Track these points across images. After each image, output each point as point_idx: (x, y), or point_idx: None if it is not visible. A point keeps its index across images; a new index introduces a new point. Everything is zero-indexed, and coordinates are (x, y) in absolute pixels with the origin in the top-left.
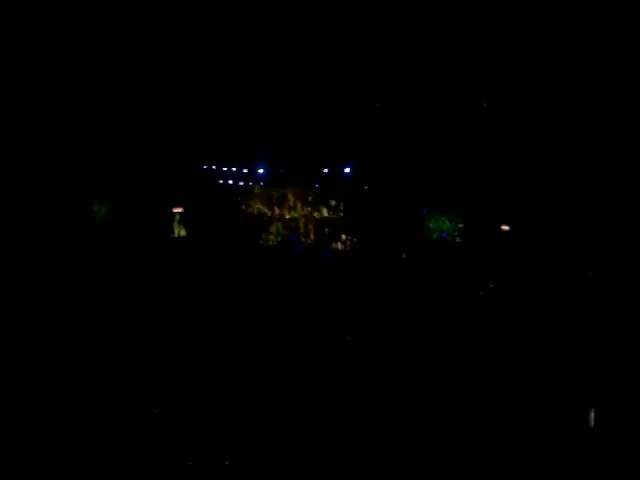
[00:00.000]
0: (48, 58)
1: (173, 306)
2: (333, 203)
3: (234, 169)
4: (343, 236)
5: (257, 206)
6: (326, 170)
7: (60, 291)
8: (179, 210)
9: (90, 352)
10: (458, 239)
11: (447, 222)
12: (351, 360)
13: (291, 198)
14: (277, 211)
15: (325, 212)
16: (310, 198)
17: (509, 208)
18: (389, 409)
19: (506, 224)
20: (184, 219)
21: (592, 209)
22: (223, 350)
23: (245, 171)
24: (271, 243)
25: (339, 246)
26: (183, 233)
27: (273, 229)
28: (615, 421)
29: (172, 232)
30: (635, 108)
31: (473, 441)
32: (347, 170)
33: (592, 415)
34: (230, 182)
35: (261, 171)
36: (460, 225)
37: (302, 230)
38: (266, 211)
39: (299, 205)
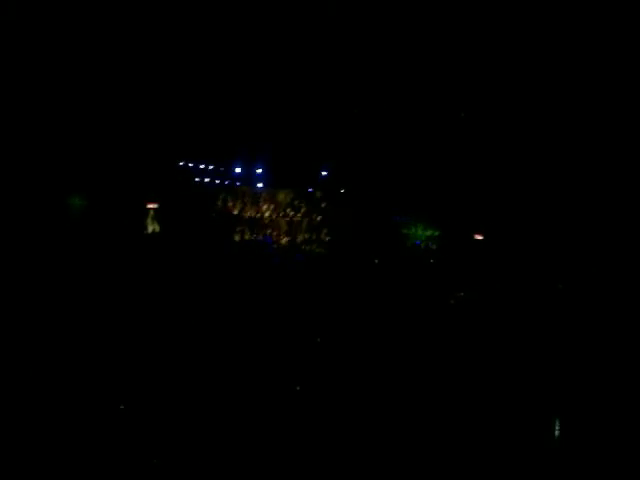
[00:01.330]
0: (27, 54)
1: (142, 302)
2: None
3: (211, 167)
4: (317, 239)
5: (232, 205)
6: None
7: (31, 285)
8: (153, 206)
9: (61, 348)
10: (432, 247)
11: (421, 230)
12: (318, 362)
13: (267, 199)
14: (252, 211)
15: (300, 214)
16: (288, 200)
17: (483, 217)
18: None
19: (479, 233)
20: (158, 215)
21: (565, 220)
22: (191, 347)
23: (222, 170)
24: (245, 238)
25: (313, 249)
26: (156, 229)
27: (246, 228)
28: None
29: (145, 228)
30: (613, 125)
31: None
32: (324, 173)
33: (556, 425)
34: (207, 180)
35: (238, 170)
36: (435, 233)
37: (276, 231)
38: (241, 210)
39: (272, 206)
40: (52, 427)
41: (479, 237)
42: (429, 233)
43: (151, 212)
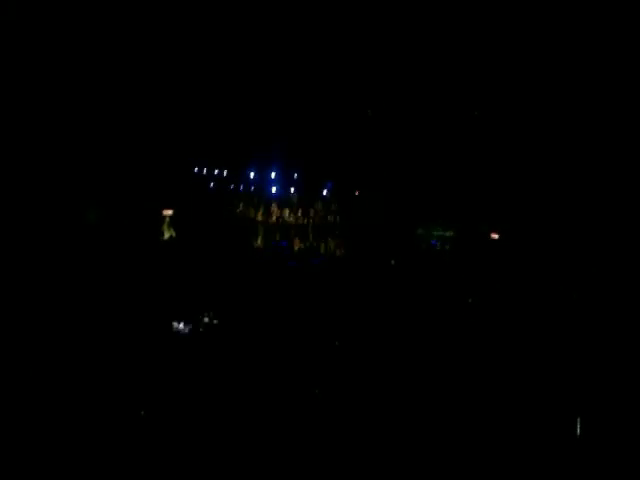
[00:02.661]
0: (32, 60)
1: (159, 308)
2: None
3: (225, 172)
4: (333, 243)
5: (247, 210)
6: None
7: (47, 294)
8: (169, 213)
9: (73, 355)
10: (448, 247)
11: (438, 230)
12: (337, 366)
13: (282, 203)
14: (267, 216)
15: (315, 217)
16: (303, 203)
17: (500, 217)
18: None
19: (495, 232)
20: (174, 222)
21: (582, 222)
22: (208, 353)
23: (236, 175)
24: (260, 246)
25: (330, 252)
26: (173, 235)
27: (262, 233)
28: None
29: (162, 235)
30: (622, 123)
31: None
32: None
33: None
34: (221, 186)
35: (252, 175)
36: (451, 233)
37: (293, 236)
38: (256, 215)
39: (287, 210)
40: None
41: (495, 236)
42: (445, 233)
43: (167, 219)
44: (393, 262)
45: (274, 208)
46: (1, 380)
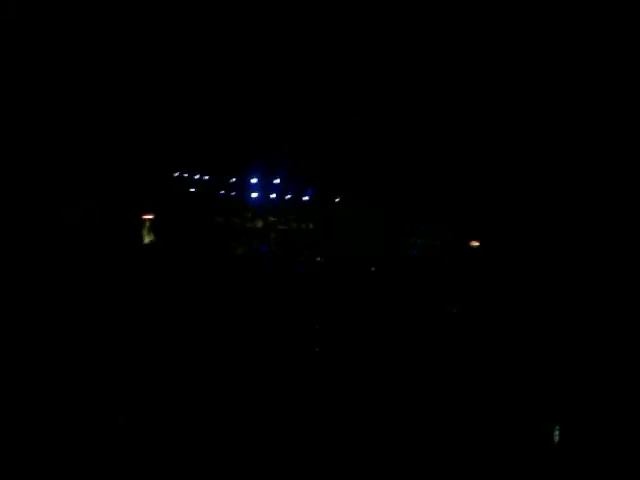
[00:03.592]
0: (24, 60)
1: (138, 313)
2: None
3: (206, 177)
4: (314, 249)
5: (227, 215)
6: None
7: (26, 297)
8: (149, 217)
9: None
10: (430, 254)
11: (418, 238)
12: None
13: (263, 209)
14: (247, 222)
15: (297, 223)
16: (285, 209)
17: (481, 224)
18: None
19: (476, 240)
20: (154, 226)
21: (564, 227)
22: (190, 357)
23: (217, 180)
24: (240, 252)
25: (311, 258)
26: (153, 240)
27: (242, 239)
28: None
29: (142, 239)
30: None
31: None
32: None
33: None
34: (202, 190)
35: (233, 180)
36: (434, 241)
37: (273, 241)
38: (236, 221)
39: (269, 216)
40: (52, 427)
41: (475, 244)
42: (426, 241)
43: (147, 223)
44: (373, 269)
45: (255, 213)
46: None
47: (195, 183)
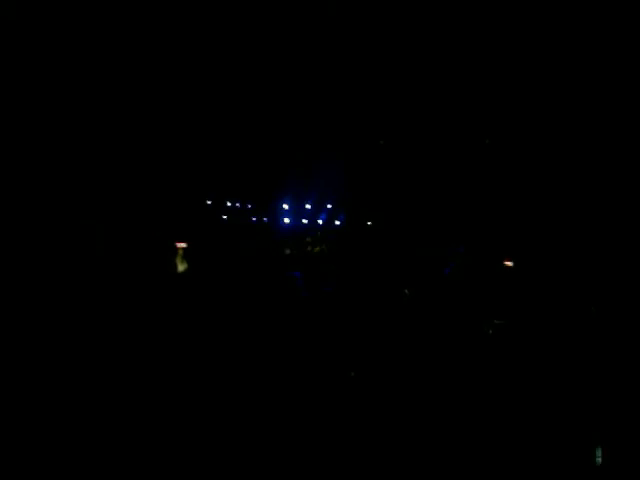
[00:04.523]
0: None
1: (171, 339)
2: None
3: (238, 204)
4: (344, 270)
5: (259, 242)
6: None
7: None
8: (183, 245)
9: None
10: (461, 275)
11: (450, 257)
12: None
13: (295, 234)
14: (279, 247)
15: (327, 247)
16: (315, 233)
17: (513, 243)
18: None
19: (509, 259)
20: (187, 255)
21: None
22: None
23: (249, 206)
24: (273, 275)
25: (342, 281)
26: (186, 268)
27: (275, 265)
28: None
29: (175, 267)
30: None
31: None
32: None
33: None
34: (234, 217)
35: (265, 206)
36: (465, 261)
37: (306, 265)
38: (268, 247)
39: (299, 241)
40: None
41: (509, 263)
42: (457, 260)
43: (180, 251)
44: (407, 291)
45: (287, 239)
46: None
47: (227, 210)
